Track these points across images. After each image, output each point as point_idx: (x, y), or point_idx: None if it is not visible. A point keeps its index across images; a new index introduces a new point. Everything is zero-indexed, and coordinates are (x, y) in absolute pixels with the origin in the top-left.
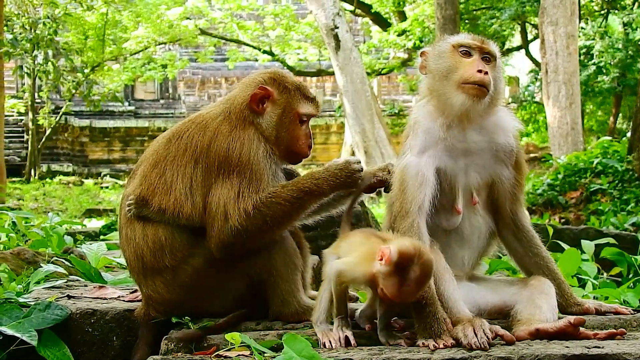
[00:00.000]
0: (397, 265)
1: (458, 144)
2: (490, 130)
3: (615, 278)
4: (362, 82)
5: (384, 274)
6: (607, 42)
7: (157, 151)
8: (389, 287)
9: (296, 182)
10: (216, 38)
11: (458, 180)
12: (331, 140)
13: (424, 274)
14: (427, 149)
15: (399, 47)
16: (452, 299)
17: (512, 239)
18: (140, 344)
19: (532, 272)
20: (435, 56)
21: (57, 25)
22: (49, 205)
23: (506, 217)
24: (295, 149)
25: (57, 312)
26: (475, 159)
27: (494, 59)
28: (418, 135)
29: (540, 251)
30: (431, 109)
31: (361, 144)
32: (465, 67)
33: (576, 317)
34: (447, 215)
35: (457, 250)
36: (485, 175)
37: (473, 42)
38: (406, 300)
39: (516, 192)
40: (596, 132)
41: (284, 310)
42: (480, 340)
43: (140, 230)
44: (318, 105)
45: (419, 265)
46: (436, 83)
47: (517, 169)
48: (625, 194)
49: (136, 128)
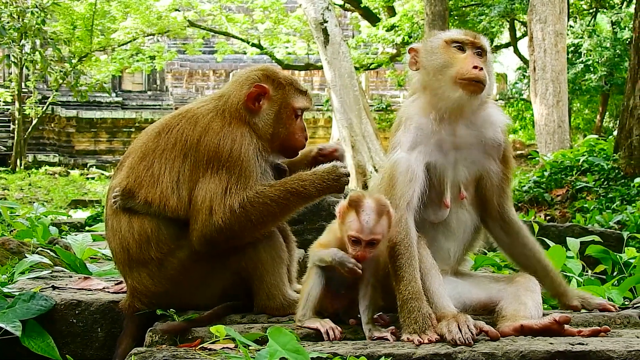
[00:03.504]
0: (349, 205)
1: (448, 138)
2: (479, 125)
3: (600, 275)
4: (350, 76)
5: (343, 221)
6: (595, 40)
7: (146, 144)
8: (352, 226)
9: (284, 183)
10: (205, 30)
11: (447, 175)
12: (318, 134)
13: (379, 204)
14: (418, 144)
15: (387, 43)
16: (437, 294)
17: (500, 232)
18: (125, 335)
19: (522, 264)
20: (428, 52)
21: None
22: (35, 195)
23: (493, 211)
24: (292, 143)
25: (42, 302)
26: (464, 154)
27: (485, 54)
28: (410, 130)
29: (527, 242)
30: (423, 104)
31: (348, 138)
32: (460, 62)
33: (561, 315)
34: (435, 209)
35: (444, 243)
36: (473, 170)
37: (466, 38)
38: (374, 235)
39: (504, 185)
40: (583, 130)
41: (270, 303)
42: (464, 336)
43: (126, 222)
44: (311, 98)
45: (371, 199)
46: (430, 79)
47: (504, 163)
48: (610, 192)
49: (123, 119)
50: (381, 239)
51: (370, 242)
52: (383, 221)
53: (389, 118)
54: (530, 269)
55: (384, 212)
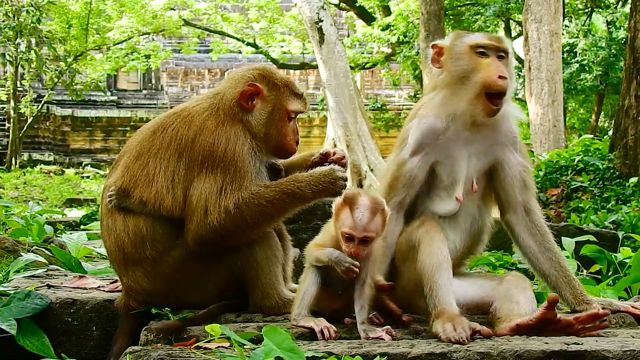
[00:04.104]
0: (344, 202)
1: (461, 134)
2: (494, 119)
3: (595, 275)
4: (346, 76)
5: (338, 219)
6: (591, 40)
7: (141, 143)
8: (345, 222)
9: (280, 184)
10: (200, 29)
11: (460, 170)
12: (313, 134)
13: (374, 202)
14: (425, 147)
15: (382, 42)
16: (444, 289)
17: (525, 234)
18: (120, 334)
19: (543, 269)
20: (452, 57)
21: (40, 13)
22: (30, 194)
23: (517, 208)
24: (283, 146)
25: (37, 301)
26: (476, 147)
27: (508, 55)
28: (420, 131)
29: (552, 247)
30: (441, 102)
31: (343, 138)
32: (484, 69)
33: (549, 295)
34: (445, 204)
35: (450, 234)
36: (485, 161)
37: (490, 42)
38: (367, 232)
39: (525, 178)
40: (578, 130)
41: (265, 302)
42: (459, 336)
43: (121, 221)
44: (306, 102)
45: (366, 197)
46: (455, 83)
47: (522, 156)
48: (606, 192)
49: (118, 118)
50: (375, 236)
51: (363, 239)
52: (377, 219)
53: (384, 117)
54: (552, 277)
55: (378, 210)
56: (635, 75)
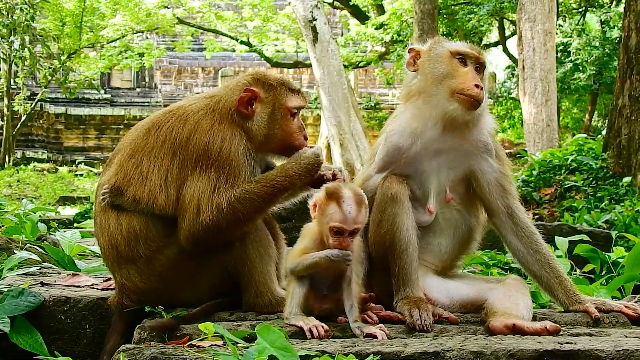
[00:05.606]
0: (328, 197)
1: (431, 146)
2: (464, 130)
3: (588, 275)
4: (339, 74)
5: (324, 214)
6: (584, 39)
7: (135, 141)
8: (334, 217)
9: (269, 179)
10: (194, 27)
11: (430, 181)
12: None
13: (356, 193)
14: (390, 164)
15: (376, 41)
16: (410, 271)
17: (512, 237)
18: (113, 332)
19: (534, 270)
20: (430, 59)
21: (34, 11)
22: (23, 191)
23: (501, 214)
24: (291, 143)
25: (30, 299)
26: (447, 157)
27: (484, 70)
28: (385, 149)
29: (541, 248)
30: (411, 115)
31: (337, 137)
32: (461, 76)
33: (552, 325)
34: (419, 215)
35: (433, 239)
36: (458, 171)
37: (471, 52)
38: (357, 224)
39: (503, 183)
40: (572, 130)
41: (258, 301)
42: (423, 322)
43: (114, 220)
44: (305, 96)
45: (348, 189)
46: (429, 86)
47: (499, 161)
48: (599, 192)
49: (112, 116)
50: (361, 227)
51: (352, 231)
52: (363, 210)
53: (377, 116)
54: (543, 278)
55: (362, 201)
56: (629, 74)
